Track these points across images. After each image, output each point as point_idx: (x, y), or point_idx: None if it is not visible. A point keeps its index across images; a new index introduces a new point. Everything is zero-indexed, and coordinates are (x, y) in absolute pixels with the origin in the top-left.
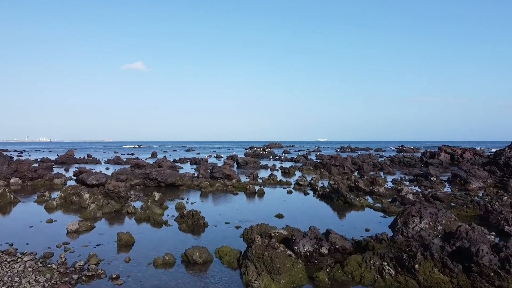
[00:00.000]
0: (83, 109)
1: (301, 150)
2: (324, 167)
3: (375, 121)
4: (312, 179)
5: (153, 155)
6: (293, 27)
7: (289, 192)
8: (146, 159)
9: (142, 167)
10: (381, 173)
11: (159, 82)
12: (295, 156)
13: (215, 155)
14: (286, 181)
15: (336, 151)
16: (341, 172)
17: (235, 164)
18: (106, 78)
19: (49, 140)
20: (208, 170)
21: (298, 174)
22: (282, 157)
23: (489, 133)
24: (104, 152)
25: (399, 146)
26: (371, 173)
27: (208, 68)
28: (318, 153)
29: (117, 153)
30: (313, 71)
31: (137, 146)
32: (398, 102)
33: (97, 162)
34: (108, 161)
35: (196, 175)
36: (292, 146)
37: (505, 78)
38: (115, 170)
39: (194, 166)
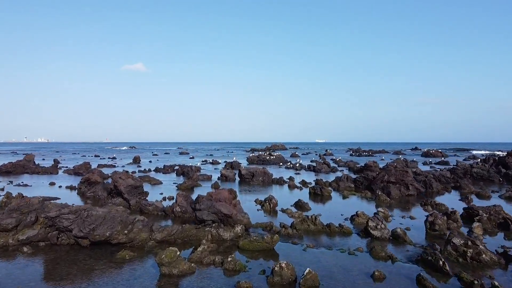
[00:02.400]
0: (82, 109)
1: (309, 153)
2: (374, 185)
3: (373, 122)
4: (380, 215)
5: (135, 160)
6: (292, 30)
7: (378, 278)
8: (123, 165)
9: (94, 185)
10: (456, 193)
11: (159, 83)
12: (310, 162)
13: (211, 161)
14: (340, 226)
15: (351, 155)
16: (404, 194)
17: (236, 176)
18: (106, 79)
19: (47, 141)
20: (193, 201)
21: (336, 197)
22: (297, 165)
23: (488, 134)
24: (83, 155)
25: (413, 148)
26: (455, 198)
27: (208, 69)
28: (338, 158)
29: (98, 156)
30: (311, 73)
31: (128, 148)
32: (397, 103)
33: (52, 171)
34: (68, 170)
35: (171, 205)
36: (296, 148)
37: (504, 79)
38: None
39: (181, 179)
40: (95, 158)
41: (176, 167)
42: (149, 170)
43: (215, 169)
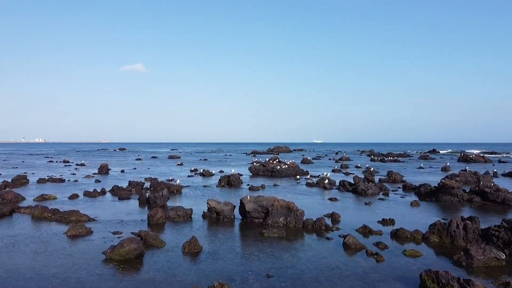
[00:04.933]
0: (81, 109)
1: (320, 156)
2: None
3: (372, 122)
4: None
5: (101, 170)
6: (290, 30)
7: None
8: (77, 180)
9: None
10: None
11: (158, 83)
12: (332, 172)
13: (201, 171)
14: None
15: (372, 160)
16: None
17: (235, 211)
18: (105, 79)
19: (44, 141)
20: None
21: None
22: (325, 181)
23: (486, 135)
24: (51, 161)
25: (431, 150)
26: None
27: (207, 70)
28: (370, 167)
29: (68, 161)
30: (310, 73)
31: (118, 149)
32: (396, 104)
33: None
34: None
35: None
36: (301, 150)
37: (502, 81)
38: None
39: (142, 212)
40: (60, 164)
41: (147, 185)
42: (102, 192)
43: (204, 186)
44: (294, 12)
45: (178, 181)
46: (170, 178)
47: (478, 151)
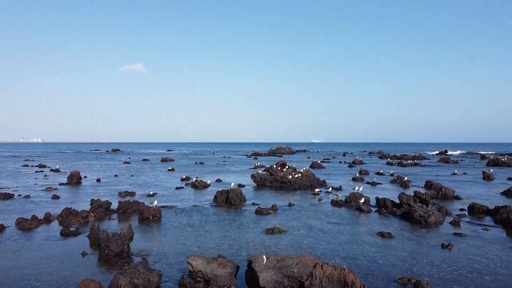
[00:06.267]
0: (81, 110)
1: (328, 159)
2: None
3: (371, 122)
4: None
5: (71, 178)
6: (290, 30)
7: None
8: (29, 195)
9: None
10: None
11: (158, 83)
12: (353, 182)
13: (194, 180)
14: None
15: (389, 163)
16: None
17: (240, 273)
18: (105, 79)
19: (42, 141)
20: None
21: None
22: (361, 201)
23: (487, 135)
24: (26, 165)
25: (443, 151)
26: None
27: (207, 70)
28: (402, 177)
29: (44, 166)
30: (309, 73)
31: (111, 151)
32: (395, 104)
33: None
34: None
35: None
36: (304, 151)
37: (503, 81)
38: None
39: (88, 265)
40: (33, 169)
41: (114, 205)
42: (46, 220)
43: (194, 206)
44: (295, 12)
45: (155, 203)
46: (152, 192)
47: (492, 152)
